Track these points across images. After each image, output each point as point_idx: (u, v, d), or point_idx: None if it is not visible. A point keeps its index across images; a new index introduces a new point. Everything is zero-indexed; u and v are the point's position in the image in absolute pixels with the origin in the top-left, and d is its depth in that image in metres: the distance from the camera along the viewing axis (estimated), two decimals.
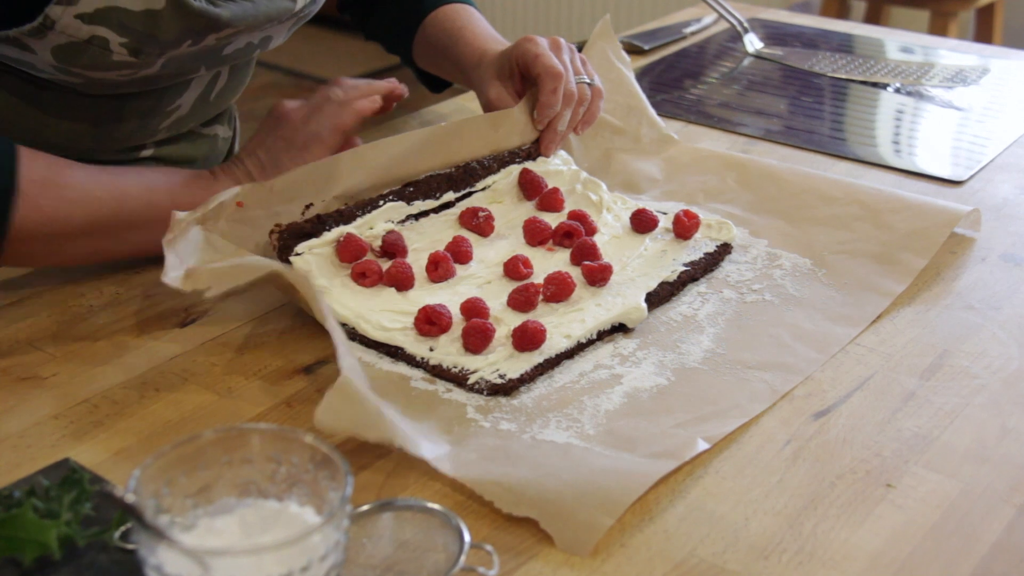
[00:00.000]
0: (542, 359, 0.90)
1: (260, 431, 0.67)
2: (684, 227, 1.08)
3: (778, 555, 0.72)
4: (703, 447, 0.81)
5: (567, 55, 1.16)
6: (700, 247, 1.07)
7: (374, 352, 0.93)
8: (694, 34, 1.75)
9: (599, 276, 1.00)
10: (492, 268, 1.03)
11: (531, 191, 1.12)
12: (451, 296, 0.98)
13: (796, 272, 1.05)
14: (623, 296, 0.98)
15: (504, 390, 0.87)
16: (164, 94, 1.12)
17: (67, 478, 0.71)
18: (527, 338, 0.90)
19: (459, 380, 0.89)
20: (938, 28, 2.96)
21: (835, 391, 0.89)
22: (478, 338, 0.90)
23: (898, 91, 1.52)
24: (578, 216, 1.08)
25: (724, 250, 1.08)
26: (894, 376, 0.91)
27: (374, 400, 0.78)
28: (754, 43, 1.69)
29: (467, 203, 1.09)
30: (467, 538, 0.69)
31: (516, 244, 1.07)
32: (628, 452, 0.80)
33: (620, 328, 0.96)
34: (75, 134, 1.09)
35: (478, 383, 0.88)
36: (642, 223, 1.09)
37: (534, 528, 0.74)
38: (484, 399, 0.87)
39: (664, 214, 1.12)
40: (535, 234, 1.07)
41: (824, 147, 1.34)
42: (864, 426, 0.85)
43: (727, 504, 0.77)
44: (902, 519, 0.76)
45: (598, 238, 1.07)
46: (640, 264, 1.04)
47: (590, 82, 1.17)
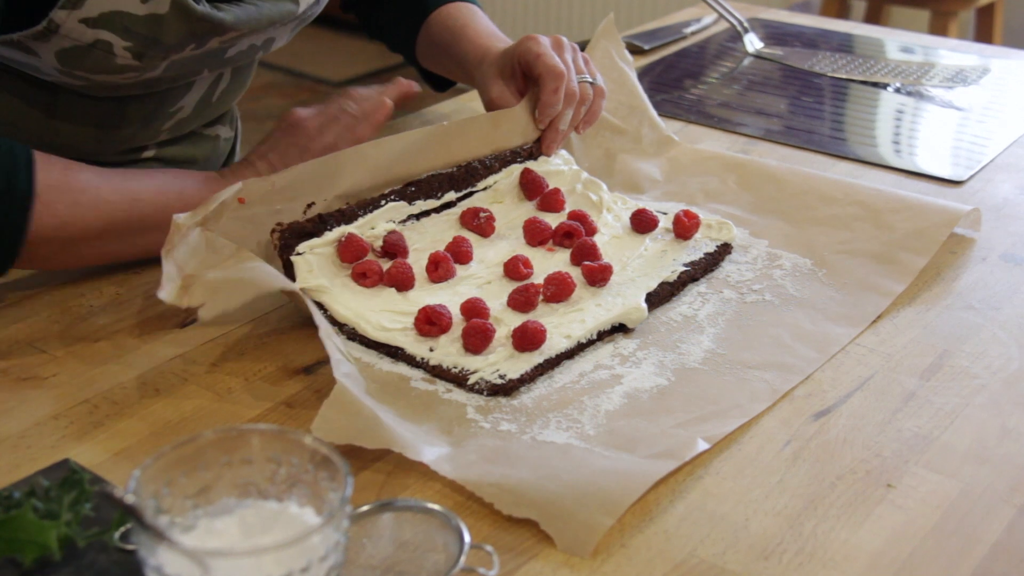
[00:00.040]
0: (542, 359, 0.90)
1: (260, 432, 0.67)
2: (684, 227, 1.08)
3: (778, 555, 0.72)
4: (703, 447, 0.81)
5: (569, 54, 1.16)
6: (700, 247, 1.07)
7: (374, 352, 0.93)
8: (694, 34, 1.75)
9: (599, 276, 1.00)
10: (492, 268, 1.03)
11: (532, 191, 1.12)
12: (451, 296, 0.98)
13: (796, 272, 1.05)
14: (623, 296, 0.98)
15: (504, 390, 0.87)
16: (167, 96, 1.12)
17: (67, 479, 0.71)
18: (527, 338, 0.90)
19: (459, 380, 0.88)
20: (938, 28, 2.95)
21: (835, 391, 0.89)
22: (478, 338, 0.90)
23: (898, 91, 1.52)
24: (578, 216, 1.08)
25: (724, 250, 1.08)
26: (894, 376, 0.91)
27: (371, 407, 0.78)
28: (754, 43, 1.69)
29: (468, 203, 1.09)
30: (467, 538, 0.69)
31: (516, 244, 1.07)
32: (628, 452, 0.80)
33: (620, 328, 0.96)
34: (78, 136, 1.09)
35: (478, 383, 0.88)
36: (642, 223, 1.09)
37: (534, 528, 0.73)
38: (484, 399, 0.87)
39: (664, 214, 1.12)
40: (535, 234, 1.07)
41: (824, 147, 1.34)
42: (864, 426, 0.85)
43: (727, 504, 0.77)
44: (902, 519, 0.76)
45: (598, 238, 1.07)
46: (640, 264, 1.04)
47: (592, 81, 1.17)
